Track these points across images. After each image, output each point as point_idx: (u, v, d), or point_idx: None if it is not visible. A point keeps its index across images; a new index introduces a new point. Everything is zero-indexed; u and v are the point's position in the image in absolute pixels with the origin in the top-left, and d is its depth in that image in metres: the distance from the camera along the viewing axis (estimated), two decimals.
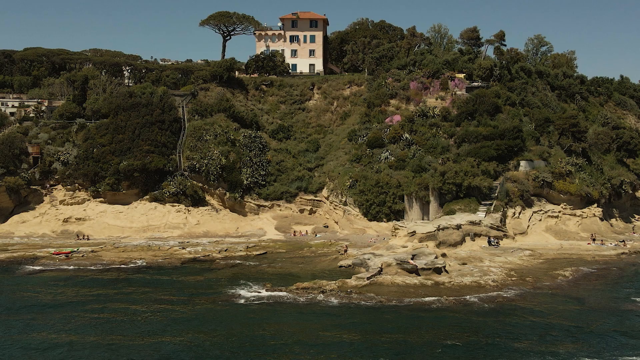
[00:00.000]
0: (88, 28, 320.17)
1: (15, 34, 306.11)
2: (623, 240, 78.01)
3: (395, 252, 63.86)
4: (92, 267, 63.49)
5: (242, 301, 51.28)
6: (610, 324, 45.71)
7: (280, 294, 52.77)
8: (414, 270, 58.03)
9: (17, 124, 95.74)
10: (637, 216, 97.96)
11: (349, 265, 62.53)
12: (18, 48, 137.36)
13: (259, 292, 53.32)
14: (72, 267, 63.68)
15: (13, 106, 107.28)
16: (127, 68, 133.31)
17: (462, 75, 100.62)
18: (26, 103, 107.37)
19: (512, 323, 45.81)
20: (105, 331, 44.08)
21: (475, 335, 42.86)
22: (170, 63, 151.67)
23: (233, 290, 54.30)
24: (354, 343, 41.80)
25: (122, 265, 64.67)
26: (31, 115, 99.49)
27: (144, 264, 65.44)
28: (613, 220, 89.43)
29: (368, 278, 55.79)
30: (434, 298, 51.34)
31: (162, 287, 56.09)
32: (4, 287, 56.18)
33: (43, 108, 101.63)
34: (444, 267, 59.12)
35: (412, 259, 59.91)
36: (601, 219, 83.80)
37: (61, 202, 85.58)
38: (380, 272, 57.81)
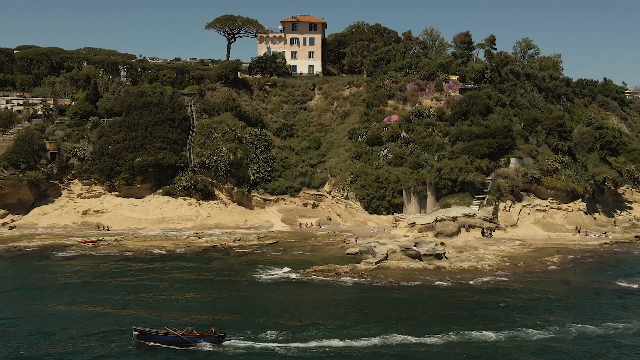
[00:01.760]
0: (78, 26, 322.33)
1: (6, 33, 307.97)
2: (605, 232, 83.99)
3: (398, 241, 69.53)
4: (121, 253, 68.45)
5: (265, 280, 56.99)
6: (592, 300, 51.98)
7: (299, 275, 58.29)
8: (417, 256, 63.75)
9: (27, 122, 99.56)
10: (618, 211, 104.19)
11: (357, 252, 68.10)
12: (10, 46, 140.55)
13: (279, 274, 58.82)
14: (102, 253, 68.50)
15: (18, 104, 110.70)
16: (124, 67, 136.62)
17: (455, 78, 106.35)
18: (31, 101, 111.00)
19: (508, 295, 52.05)
20: (161, 292, 52.40)
21: (476, 305, 49.14)
22: (163, 61, 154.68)
23: (255, 272, 59.78)
24: (369, 300, 49.52)
25: (148, 251, 69.72)
26: (39, 113, 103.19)
27: (167, 251, 70.30)
28: (596, 214, 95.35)
29: (376, 262, 61.45)
30: (437, 277, 57.58)
31: (191, 268, 61.84)
32: (50, 268, 60.94)
33: (51, 106, 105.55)
34: (444, 253, 64.95)
35: (414, 246, 65.66)
36: (585, 213, 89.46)
37: (78, 195, 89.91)
38: (386, 257, 63.49)
